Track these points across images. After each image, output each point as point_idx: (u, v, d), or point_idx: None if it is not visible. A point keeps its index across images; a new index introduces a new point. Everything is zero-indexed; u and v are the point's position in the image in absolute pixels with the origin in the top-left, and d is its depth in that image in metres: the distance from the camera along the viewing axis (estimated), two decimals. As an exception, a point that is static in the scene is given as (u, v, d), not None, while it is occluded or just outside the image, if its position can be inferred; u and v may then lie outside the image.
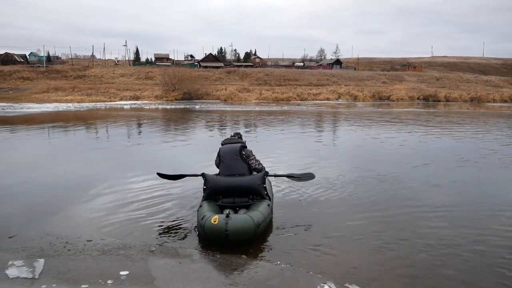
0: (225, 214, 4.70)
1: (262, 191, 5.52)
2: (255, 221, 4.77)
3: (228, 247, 4.66)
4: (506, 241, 5.10)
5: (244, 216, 4.86)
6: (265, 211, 5.19)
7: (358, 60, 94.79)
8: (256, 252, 4.72)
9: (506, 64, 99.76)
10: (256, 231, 4.78)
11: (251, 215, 4.89)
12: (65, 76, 58.00)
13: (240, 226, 4.65)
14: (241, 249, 4.66)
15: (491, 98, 50.41)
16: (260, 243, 5.02)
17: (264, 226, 5.06)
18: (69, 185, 7.48)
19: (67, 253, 4.43)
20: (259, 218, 4.91)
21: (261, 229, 4.95)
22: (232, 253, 4.58)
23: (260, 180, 5.55)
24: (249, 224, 4.72)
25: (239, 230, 4.63)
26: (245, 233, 4.69)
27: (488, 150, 11.90)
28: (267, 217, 5.21)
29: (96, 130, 16.69)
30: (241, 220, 4.75)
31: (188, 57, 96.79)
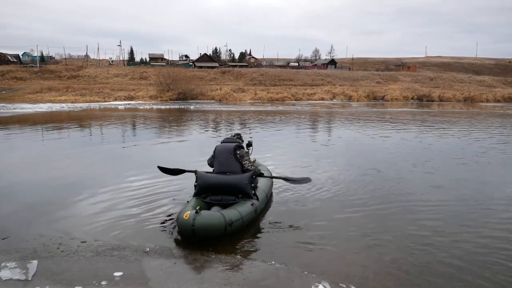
0: (195, 210, 4.78)
1: (249, 190, 5.59)
2: (226, 219, 4.81)
3: (196, 243, 4.73)
4: (500, 240, 5.14)
5: (215, 214, 4.91)
6: (245, 211, 5.24)
7: (352, 60, 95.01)
8: (251, 252, 4.72)
9: (499, 64, 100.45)
10: (227, 229, 4.82)
11: (224, 212, 4.95)
12: (59, 76, 57.63)
13: (207, 223, 4.70)
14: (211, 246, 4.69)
15: (485, 98, 50.75)
16: (255, 243, 5.03)
17: (240, 225, 5.09)
18: (63, 186, 7.44)
19: (61, 254, 4.41)
20: (233, 216, 4.97)
21: (235, 227, 4.98)
22: (227, 253, 4.58)
23: (248, 179, 5.62)
24: (218, 222, 4.77)
25: (206, 227, 4.69)
26: (212, 230, 4.75)
27: (483, 149, 11.98)
28: (246, 216, 5.23)
29: (90, 131, 16.62)
30: (210, 217, 4.79)
31: (183, 57, 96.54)
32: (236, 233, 5.05)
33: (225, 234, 4.87)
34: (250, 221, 5.42)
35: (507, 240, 5.14)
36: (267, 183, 6.63)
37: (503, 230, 5.52)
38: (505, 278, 4.13)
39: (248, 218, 5.32)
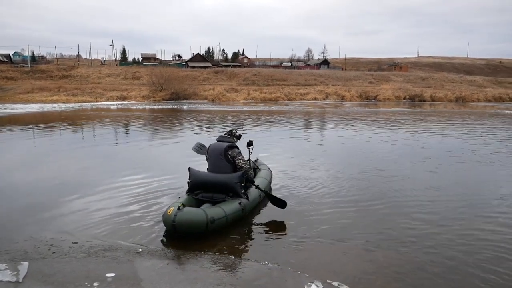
0: (177, 206, 4.91)
1: (238, 189, 5.68)
2: (208, 216, 4.92)
3: (177, 239, 4.85)
4: (493, 240, 5.18)
5: (197, 211, 5.03)
6: (230, 209, 5.32)
7: (345, 60, 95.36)
8: (244, 252, 4.72)
9: (489, 64, 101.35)
10: (209, 226, 4.92)
11: (207, 210, 5.05)
12: (50, 76, 57.19)
13: (188, 219, 4.83)
14: (205, 246, 4.65)
15: (475, 98, 51.18)
16: (248, 243, 5.03)
17: (224, 223, 5.17)
18: (54, 186, 7.38)
19: (52, 256, 4.38)
20: (215, 214, 5.06)
21: (218, 225, 5.07)
22: (220, 253, 4.57)
23: (237, 179, 5.69)
24: (199, 218, 4.89)
25: (186, 223, 4.82)
26: (193, 226, 4.88)
27: (476, 148, 12.07)
28: (232, 215, 5.31)
29: (82, 131, 16.51)
30: (191, 214, 4.92)
31: (175, 57, 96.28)
32: (219, 231, 5.11)
33: (207, 231, 4.96)
34: (237, 220, 5.48)
35: (500, 239, 5.18)
36: (264, 182, 6.67)
37: (496, 229, 5.57)
38: (496, 277, 4.17)
39: (234, 217, 5.39)
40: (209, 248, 4.76)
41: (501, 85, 67.24)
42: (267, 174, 7.16)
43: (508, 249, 4.86)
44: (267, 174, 7.20)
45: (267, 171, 7.36)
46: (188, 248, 4.70)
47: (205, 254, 4.53)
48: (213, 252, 4.64)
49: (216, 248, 4.79)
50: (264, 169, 7.42)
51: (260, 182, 6.56)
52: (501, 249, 4.85)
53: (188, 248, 4.72)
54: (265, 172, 7.27)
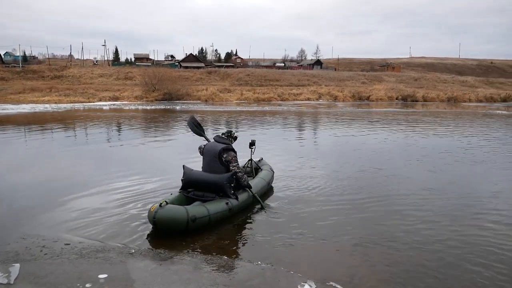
0: (160, 203, 5.02)
1: (227, 189, 5.74)
2: (189, 215, 5.00)
3: (171, 239, 4.92)
4: (485, 238, 5.23)
5: (178, 208, 5.10)
6: (215, 208, 5.39)
7: (338, 61, 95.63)
8: (237, 252, 4.72)
9: (481, 65, 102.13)
10: (190, 224, 5.00)
11: (189, 208, 5.16)
12: (42, 76, 56.76)
13: (168, 217, 4.93)
14: (198, 246, 4.64)
15: (467, 98, 51.60)
16: (241, 243, 5.03)
17: (206, 222, 5.24)
18: (46, 188, 7.34)
19: (44, 257, 4.35)
20: (197, 212, 5.13)
21: (200, 224, 5.14)
22: (213, 254, 4.57)
23: (227, 179, 5.75)
24: (179, 216, 4.97)
25: (166, 220, 4.94)
26: (173, 223, 4.98)
27: (469, 147, 12.18)
28: (216, 214, 5.38)
29: (75, 131, 16.41)
30: (171, 211, 4.99)
31: (168, 57, 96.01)
32: (201, 229, 5.18)
33: (188, 229, 5.04)
34: (223, 220, 5.55)
35: (491, 237, 5.23)
36: (261, 183, 6.70)
37: (488, 226, 5.62)
38: (487, 275, 4.21)
39: (218, 216, 5.45)
40: (202, 249, 4.75)
41: (492, 85, 67.85)
42: (266, 175, 7.16)
43: (499, 247, 4.91)
44: (267, 175, 7.20)
45: (268, 172, 7.36)
46: (181, 249, 4.69)
47: (198, 254, 4.53)
48: (206, 252, 4.64)
49: (209, 249, 4.78)
50: (265, 170, 7.42)
51: (257, 182, 6.61)
52: (493, 247, 4.90)
53: (181, 248, 4.71)
54: (265, 173, 7.27)
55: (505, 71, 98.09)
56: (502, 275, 4.20)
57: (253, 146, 7.30)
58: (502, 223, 5.82)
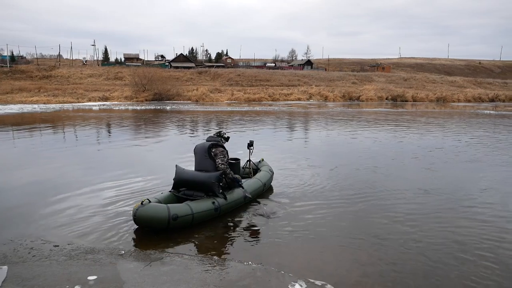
0: (141, 202, 5.13)
1: (215, 189, 5.79)
2: (170, 213, 5.06)
3: (162, 240, 4.95)
4: (475, 236, 5.28)
5: (159, 206, 5.17)
6: (199, 207, 5.44)
7: (328, 61, 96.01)
8: (227, 252, 4.72)
9: (469, 65, 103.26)
10: (171, 222, 5.07)
11: (171, 207, 5.20)
12: (30, 76, 56.05)
13: (148, 215, 5.03)
14: (188, 247, 4.63)
15: (456, 98, 52.10)
16: (231, 243, 5.02)
17: (189, 221, 5.29)
18: (34, 189, 7.25)
19: (32, 259, 4.30)
20: (179, 211, 5.18)
21: (182, 222, 5.21)
22: (203, 254, 4.56)
23: (215, 178, 5.80)
24: (160, 214, 5.04)
25: (146, 218, 5.04)
26: (152, 221, 5.07)
27: (459, 146, 12.30)
28: (200, 213, 5.42)
29: (64, 132, 16.25)
30: (152, 209, 5.07)
31: (158, 57, 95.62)
32: (183, 228, 5.24)
33: (169, 227, 5.11)
34: (209, 219, 5.59)
35: (480, 235, 5.29)
36: (256, 183, 6.69)
37: (478, 226, 5.69)
38: (476, 273, 4.26)
39: (203, 215, 5.48)
40: (192, 249, 4.74)
41: (480, 85, 68.62)
42: (263, 176, 7.14)
43: (490, 244, 4.97)
44: (264, 176, 7.17)
45: (266, 173, 7.33)
46: (171, 249, 4.68)
47: (188, 255, 4.51)
48: (196, 253, 4.63)
49: (199, 249, 4.78)
50: (264, 171, 7.39)
51: (252, 183, 6.61)
52: (483, 245, 4.97)
53: (172, 249, 4.69)
54: (263, 173, 7.25)
55: (492, 71, 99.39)
56: (493, 272, 4.25)
57: (251, 146, 7.32)
58: (492, 221, 5.89)
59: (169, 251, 4.63)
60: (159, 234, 5.13)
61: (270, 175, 7.37)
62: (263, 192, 6.94)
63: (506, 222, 5.89)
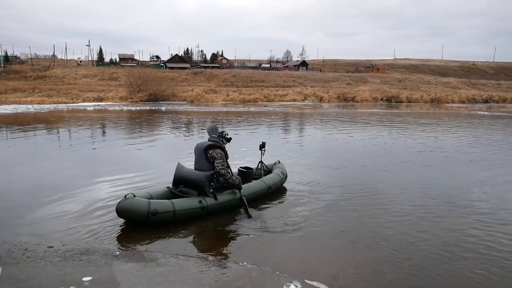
0: (125, 195, 5.33)
1: (206, 188, 5.85)
2: (150, 209, 5.21)
3: (156, 241, 5.00)
4: (466, 236, 5.32)
5: (140, 201, 5.31)
6: (183, 205, 5.52)
7: (323, 62, 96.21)
8: (223, 253, 4.72)
9: (463, 66, 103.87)
10: (150, 217, 5.22)
11: (153, 202, 5.34)
12: (24, 76, 55.72)
13: (128, 208, 5.23)
14: (183, 248, 4.63)
15: (450, 99, 52.36)
16: (226, 244, 5.03)
17: (170, 217, 5.40)
18: (29, 189, 7.21)
19: (27, 260, 4.28)
20: (161, 207, 5.32)
21: (162, 218, 5.33)
22: (198, 255, 4.56)
23: (206, 178, 5.86)
24: (139, 209, 5.21)
25: (125, 211, 5.25)
26: (131, 215, 5.28)
27: (452, 147, 12.37)
28: (183, 211, 5.50)
29: (58, 133, 16.17)
30: (133, 203, 5.25)
31: (153, 57, 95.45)
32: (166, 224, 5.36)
33: (148, 222, 5.26)
34: (192, 217, 5.62)
35: (476, 236, 5.32)
36: (257, 185, 6.61)
37: (474, 227, 5.73)
38: (471, 274, 4.29)
39: (186, 213, 5.54)
40: (187, 250, 4.74)
41: (474, 86, 69.06)
42: (270, 178, 7.00)
43: (486, 245, 5.01)
44: (271, 178, 7.03)
45: (275, 175, 7.21)
46: (166, 250, 4.67)
47: (183, 256, 4.51)
48: (191, 254, 4.62)
49: (194, 250, 4.78)
50: (274, 173, 7.28)
51: (253, 185, 6.54)
52: (479, 245, 5.00)
53: (167, 250, 4.69)
54: (271, 176, 7.12)
55: (486, 72, 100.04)
56: (489, 273, 4.28)
57: (263, 148, 7.31)
58: (487, 220, 5.93)
59: (164, 252, 4.63)
60: (161, 233, 5.13)
61: (280, 178, 7.24)
62: (267, 194, 6.81)
63: (503, 223, 5.93)
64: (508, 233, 5.50)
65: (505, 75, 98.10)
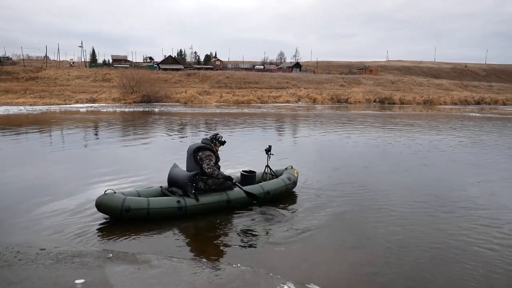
0: (105, 191, 5.64)
1: (187, 188, 5.92)
2: (124, 204, 5.43)
3: (150, 242, 5.06)
4: (461, 237, 5.35)
5: (116, 197, 5.53)
6: (159, 203, 5.65)
7: (317, 64, 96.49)
8: (216, 255, 4.71)
9: (455, 68, 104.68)
10: (123, 213, 5.46)
11: (128, 198, 5.55)
12: (16, 77, 55.26)
13: (104, 203, 5.50)
14: (176, 250, 4.62)
15: (442, 101, 52.72)
16: (220, 246, 5.02)
17: (144, 214, 5.55)
18: (20, 191, 7.14)
19: (18, 263, 4.24)
20: (135, 204, 5.51)
21: (135, 214, 5.51)
22: (192, 257, 4.56)
23: (187, 178, 5.96)
24: (114, 204, 5.46)
25: (102, 206, 5.52)
26: (106, 209, 5.55)
27: (446, 148, 12.45)
28: (158, 209, 5.62)
29: (50, 134, 16.06)
30: (108, 199, 5.50)
31: (147, 59, 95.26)
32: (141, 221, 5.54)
33: (122, 217, 5.50)
34: (168, 216, 5.70)
35: (469, 236, 5.36)
36: (256, 189, 6.44)
37: (468, 228, 5.76)
38: (466, 275, 4.32)
39: (161, 212, 5.65)
40: (181, 252, 4.73)
41: (466, 88, 69.63)
42: (270, 183, 6.74)
43: (480, 245, 5.04)
44: (272, 183, 6.74)
45: (279, 180, 6.90)
46: (160, 252, 4.66)
47: (177, 258, 4.50)
48: (185, 256, 4.61)
49: (187, 252, 4.76)
50: (280, 179, 6.95)
51: (247, 188, 6.40)
52: (475, 246, 5.04)
53: (160, 252, 4.68)
54: (273, 181, 6.83)
55: (478, 74, 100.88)
56: (486, 274, 4.31)
57: (269, 152, 7.15)
58: (479, 221, 5.98)
59: (158, 253, 4.61)
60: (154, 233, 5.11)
61: (283, 184, 6.88)
62: (263, 200, 6.46)
63: (497, 223, 5.98)
64: (503, 232, 5.54)
65: (496, 77, 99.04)
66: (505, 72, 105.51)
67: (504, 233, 5.55)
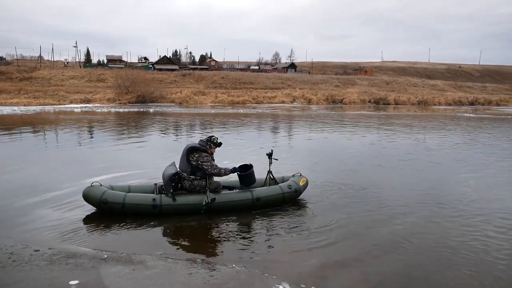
0: (91, 183, 6.05)
1: (167, 187, 6.06)
2: (102, 197, 5.78)
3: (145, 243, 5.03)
4: (458, 237, 5.38)
5: (97, 190, 5.90)
6: (135, 200, 5.85)
7: (312, 64, 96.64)
8: (212, 255, 4.71)
9: (450, 69, 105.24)
10: (102, 205, 5.80)
11: (107, 192, 5.87)
12: (10, 78, 54.91)
13: (86, 194, 5.91)
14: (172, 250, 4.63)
15: (437, 102, 53.00)
16: (215, 246, 5.02)
17: (119, 209, 5.79)
18: (14, 192, 7.09)
19: (12, 264, 4.22)
20: (112, 198, 5.79)
21: (112, 207, 5.80)
22: (187, 258, 4.55)
23: (168, 177, 6.04)
24: (94, 196, 5.83)
25: (85, 197, 5.93)
26: (88, 200, 5.93)
27: (443, 148, 12.51)
28: (133, 205, 5.80)
29: (45, 135, 15.98)
30: (91, 191, 5.91)
31: (142, 59, 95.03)
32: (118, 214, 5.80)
33: (100, 208, 5.87)
34: (142, 213, 5.84)
35: (466, 236, 5.39)
36: (237, 195, 6.30)
37: (466, 229, 5.79)
38: (463, 277, 4.34)
39: (135, 208, 5.82)
40: (176, 252, 4.72)
41: (460, 89, 70.03)
42: (265, 190, 6.40)
43: (479, 248, 5.06)
44: (268, 190, 6.44)
45: (276, 188, 6.50)
46: (154, 253, 4.65)
47: (171, 258, 4.49)
48: (179, 256, 4.61)
49: (182, 252, 4.76)
50: (278, 186, 6.56)
51: (236, 192, 6.32)
52: (472, 247, 5.06)
53: (155, 252, 4.67)
54: (270, 188, 6.49)
55: (472, 75, 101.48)
56: (481, 274, 4.34)
57: (271, 156, 6.85)
58: (476, 221, 6.01)
59: (153, 254, 4.60)
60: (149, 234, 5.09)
61: (279, 192, 6.42)
62: (251, 207, 6.23)
63: (493, 223, 6.01)
64: (498, 231, 5.57)
65: (490, 77, 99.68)
66: (499, 73, 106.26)
67: (504, 233, 5.58)
